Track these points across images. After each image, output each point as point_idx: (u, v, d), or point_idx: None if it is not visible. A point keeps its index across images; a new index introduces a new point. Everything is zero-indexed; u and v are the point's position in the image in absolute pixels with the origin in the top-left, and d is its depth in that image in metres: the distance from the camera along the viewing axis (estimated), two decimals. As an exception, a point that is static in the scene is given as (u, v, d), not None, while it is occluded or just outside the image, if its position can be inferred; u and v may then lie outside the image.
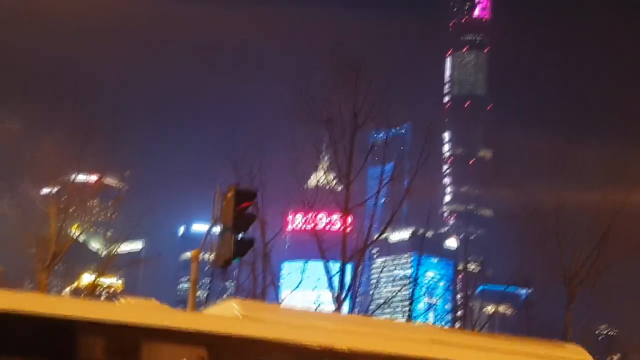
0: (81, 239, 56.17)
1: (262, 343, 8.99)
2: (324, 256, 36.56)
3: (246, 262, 37.16)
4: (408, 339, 9.87)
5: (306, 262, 42.30)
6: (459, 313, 48.78)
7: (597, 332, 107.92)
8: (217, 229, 19.21)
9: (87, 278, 49.19)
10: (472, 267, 59.45)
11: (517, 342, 11.90)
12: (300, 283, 41.12)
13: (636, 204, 39.78)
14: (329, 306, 37.39)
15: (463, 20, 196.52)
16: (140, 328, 8.92)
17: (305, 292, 41.83)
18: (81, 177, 39.35)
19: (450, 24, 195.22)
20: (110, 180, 46.73)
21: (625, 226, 38.02)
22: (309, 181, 40.15)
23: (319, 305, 41.11)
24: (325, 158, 38.74)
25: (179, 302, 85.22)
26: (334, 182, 38.13)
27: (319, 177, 39.02)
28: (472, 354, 9.85)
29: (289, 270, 47.74)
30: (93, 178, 41.14)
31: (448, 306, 55.18)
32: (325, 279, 36.67)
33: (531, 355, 10.67)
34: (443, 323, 49.88)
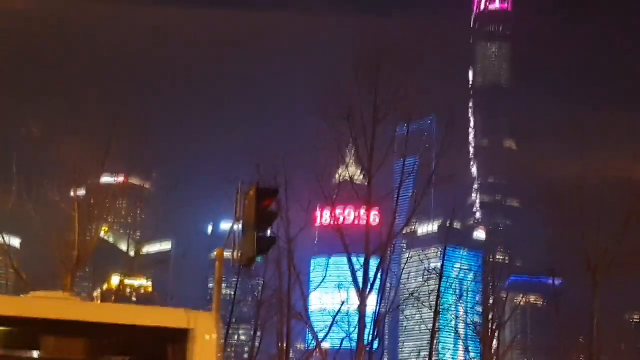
0: (110, 240, 56.41)
1: None
2: (348, 251, 36.23)
3: (272, 260, 37.11)
4: None
5: (329, 257, 42.00)
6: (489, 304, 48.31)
7: (629, 320, 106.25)
8: (240, 227, 19.16)
9: (116, 280, 49.36)
10: (500, 258, 58.79)
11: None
12: (323, 280, 40.91)
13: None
14: (355, 304, 37.09)
15: (484, 12, 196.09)
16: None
17: (331, 289, 41.62)
18: (107, 179, 39.32)
19: (472, 16, 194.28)
20: (136, 180, 46.89)
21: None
22: (333, 177, 39.89)
23: (342, 304, 40.79)
24: (349, 153, 38.45)
25: (209, 301, 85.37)
26: (359, 176, 37.85)
27: (343, 172, 38.74)
28: None
29: (316, 267, 47.62)
30: (119, 179, 41.07)
31: (478, 298, 54.65)
32: (350, 275, 36.38)
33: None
34: (474, 315, 49.42)
